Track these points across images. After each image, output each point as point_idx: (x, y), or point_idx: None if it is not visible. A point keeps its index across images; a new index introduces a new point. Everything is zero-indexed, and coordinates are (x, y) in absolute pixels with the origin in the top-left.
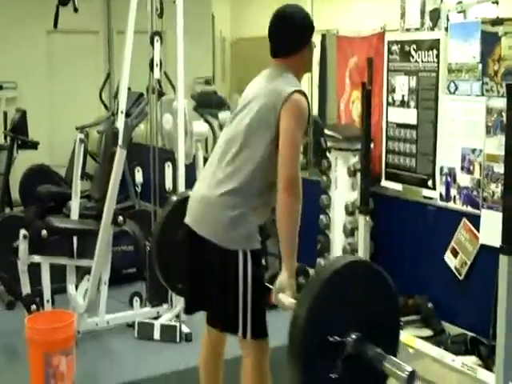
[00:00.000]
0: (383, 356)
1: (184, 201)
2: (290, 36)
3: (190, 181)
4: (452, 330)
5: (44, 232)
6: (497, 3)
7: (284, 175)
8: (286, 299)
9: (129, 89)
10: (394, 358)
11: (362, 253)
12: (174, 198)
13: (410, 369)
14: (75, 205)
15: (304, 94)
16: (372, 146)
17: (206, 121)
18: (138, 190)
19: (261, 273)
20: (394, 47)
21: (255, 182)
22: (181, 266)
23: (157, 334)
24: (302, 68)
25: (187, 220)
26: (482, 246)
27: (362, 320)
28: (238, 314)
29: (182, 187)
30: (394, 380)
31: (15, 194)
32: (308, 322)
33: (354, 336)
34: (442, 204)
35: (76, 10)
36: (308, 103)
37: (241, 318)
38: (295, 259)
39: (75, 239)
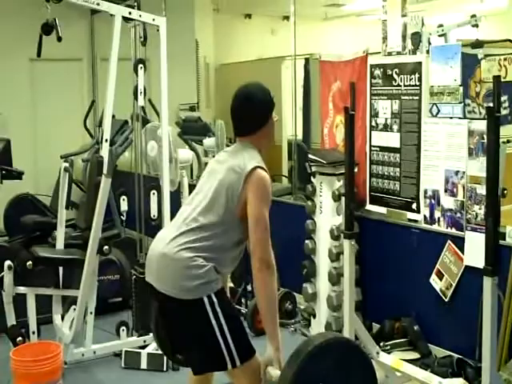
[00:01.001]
0: None
1: None
2: (252, 117)
3: (175, 208)
4: (438, 352)
5: (29, 262)
6: (477, 26)
7: (258, 257)
8: (274, 372)
9: (113, 116)
10: None
11: (348, 277)
12: None
13: None
14: (60, 234)
15: (265, 170)
16: (356, 170)
17: (191, 147)
18: (123, 218)
19: (227, 302)
20: (377, 71)
21: (219, 245)
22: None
23: (144, 363)
24: (265, 142)
25: (148, 278)
26: (467, 268)
27: None
28: (222, 350)
29: (167, 214)
30: None
31: None
32: None
33: None
34: (427, 227)
35: (60, 39)
36: (268, 178)
37: (225, 352)
38: (278, 332)
39: (61, 269)
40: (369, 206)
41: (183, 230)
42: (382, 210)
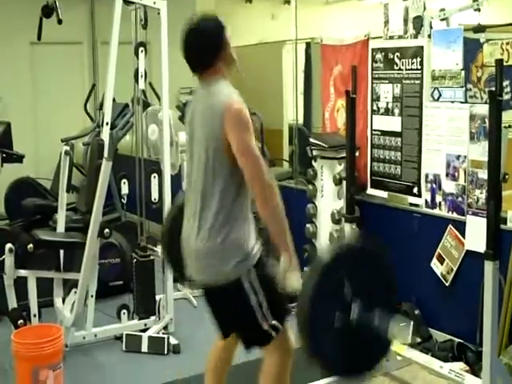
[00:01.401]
0: (386, 325)
1: None
2: (204, 46)
3: (176, 191)
4: (439, 336)
5: (30, 246)
6: (479, 10)
7: (257, 190)
8: (294, 281)
9: (114, 100)
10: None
11: None
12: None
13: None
14: (61, 218)
15: (235, 99)
16: (357, 154)
17: None
18: (124, 201)
19: (266, 271)
20: (378, 55)
21: (230, 207)
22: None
23: (145, 347)
24: (228, 68)
25: (189, 271)
26: (468, 252)
27: (363, 292)
28: (262, 325)
29: (168, 198)
30: None
31: (0, 207)
32: (314, 294)
33: (357, 304)
34: (428, 211)
35: (60, 22)
36: (241, 105)
37: (265, 326)
38: (290, 241)
39: (62, 252)
40: (370, 190)
41: (202, 216)
42: (383, 194)
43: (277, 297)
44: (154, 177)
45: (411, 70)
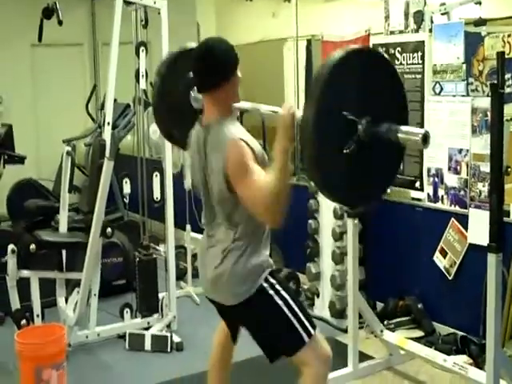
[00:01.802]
0: (395, 126)
1: (188, 50)
2: (214, 69)
3: (178, 190)
4: (442, 329)
5: (32, 246)
6: (479, 4)
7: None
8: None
9: (115, 100)
10: (404, 127)
11: (351, 256)
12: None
13: (422, 131)
14: (63, 218)
15: (236, 138)
16: None
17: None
18: (126, 200)
19: (282, 280)
20: (379, 50)
21: (240, 233)
22: (178, 112)
23: (148, 345)
24: (230, 101)
25: (209, 296)
26: (471, 246)
27: (371, 104)
28: (294, 325)
29: (170, 197)
30: None
31: (3, 208)
32: (320, 105)
33: (365, 119)
34: (430, 205)
35: (60, 23)
36: (241, 142)
37: (298, 325)
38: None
39: (64, 252)
40: None
41: (215, 240)
42: None
43: (299, 304)
44: (156, 176)
45: (412, 64)
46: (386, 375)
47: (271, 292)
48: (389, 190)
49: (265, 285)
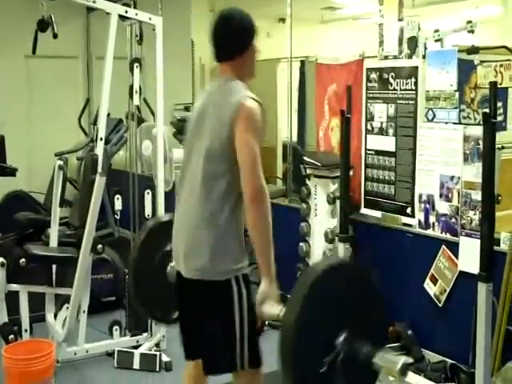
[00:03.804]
0: (374, 352)
1: (160, 225)
2: (232, 39)
3: (170, 208)
4: (432, 357)
5: (22, 260)
6: (472, 32)
7: (249, 188)
8: (272, 308)
9: (108, 115)
10: (384, 354)
11: None
12: (150, 223)
13: (401, 360)
14: (54, 232)
15: (256, 100)
16: (351, 173)
17: None
18: (117, 217)
19: (252, 298)
20: (373, 75)
21: (226, 205)
22: (158, 291)
23: (136, 363)
24: (247, 71)
25: (174, 265)
26: (461, 273)
27: (349, 318)
28: (235, 345)
29: (161, 214)
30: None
31: None
32: (297, 328)
33: (343, 336)
34: (421, 231)
35: (55, 36)
36: (262, 107)
37: (238, 349)
38: (273, 266)
39: (54, 267)
40: (363, 210)
41: (196, 210)
42: (377, 213)
43: (254, 333)
44: (148, 193)
45: (406, 90)
46: None
47: (235, 299)
48: (380, 215)
49: (234, 288)
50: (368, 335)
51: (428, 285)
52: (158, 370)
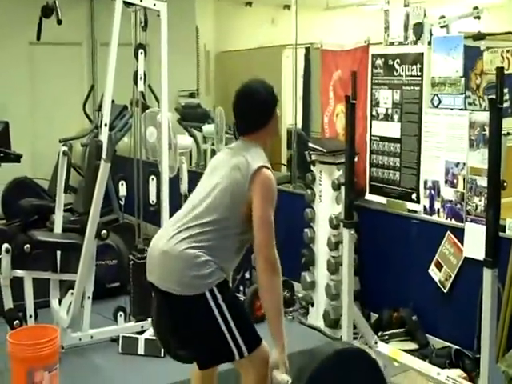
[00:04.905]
0: None
1: None
2: (255, 115)
3: (174, 194)
4: (436, 342)
5: (27, 246)
6: (478, 18)
7: (263, 258)
8: (280, 376)
9: (112, 101)
10: None
11: (347, 266)
12: None
13: None
14: (58, 218)
15: (270, 170)
16: (356, 159)
17: (190, 134)
18: (122, 203)
19: (230, 295)
20: (378, 61)
21: (218, 240)
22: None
23: (141, 349)
24: (269, 138)
25: (149, 278)
26: (466, 259)
27: None
28: (228, 342)
29: (165, 200)
30: None
31: None
32: None
33: None
34: (426, 217)
35: (60, 22)
36: (274, 178)
37: (232, 343)
38: (284, 333)
39: (59, 253)
40: (368, 196)
41: (185, 227)
42: (382, 199)
43: (245, 322)
44: (152, 179)
45: (411, 76)
46: None
47: (212, 304)
48: (385, 201)
49: (208, 294)
50: None
51: (433, 271)
52: (162, 355)
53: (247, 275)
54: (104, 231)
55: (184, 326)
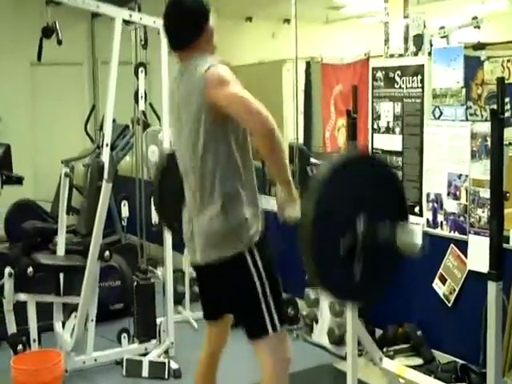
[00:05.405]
0: (392, 229)
1: None
2: (186, 24)
3: None
4: (442, 357)
5: (30, 269)
6: (478, 28)
7: (254, 128)
8: (295, 210)
9: (114, 121)
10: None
11: None
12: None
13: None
14: (61, 240)
15: (217, 64)
16: None
17: None
18: (124, 223)
19: (269, 258)
20: (379, 74)
21: (227, 183)
22: (177, 204)
23: (145, 371)
24: (207, 51)
25: (191, 259)
26: (470, 272)
27: (366, 201)
28: (263, 314)
29: None
30: None
31: (0, 230)
32: (317, 212)
33: (361, 219)
34: (430, 230)
35: (60, 42)
36: (224, 68)
37: (266, 315)
38: (289, 173)
39: (62, 276)
40: None
41: (201, 201)
42: None
43: (277, 291)
44: None
45: (412, 88)
46: None
47: (252, 269)
48: None
49: (248, 257)
50: (386, 214)
51: (437, 284)
52: (166, 377)
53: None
54: (107, 252)
55: (224, 294)
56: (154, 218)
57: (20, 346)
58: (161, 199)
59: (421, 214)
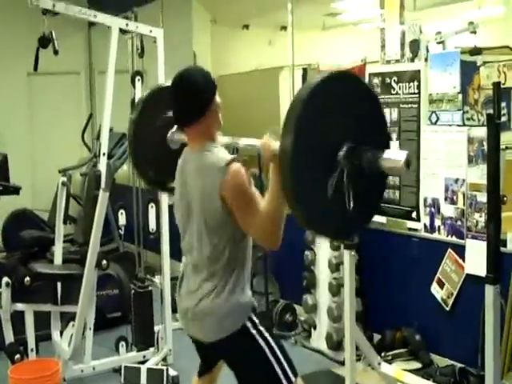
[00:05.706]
0: (377, 156)
1: (162, 89)
2: (192, 102)
3: (174, 221)
4: (440, 361)
5: (27, 279)
6: (474, 33)
7: (265, 247)
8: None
9: (111, 129)
10: (386, 153)
11: (348, 287)
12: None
13: (403, 156)
14: (58, 249)
15: (234, 159)
16: None
17: None
18: (122, 231)
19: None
20: (375, 80)
21: (226, 268)
22: (155, 152)
23: (143, 379)
24: (212, 129)
25: (189, 333)
26: (468, 276)
27: (349, 130)
28: (275, 370)
29: (165, 228)
30: None
31: None
32: (295, 150)
33: (345, 146)
34: (427, 235)
35: (56, 52)
36: (240, 167)
37: (279, 370)
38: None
39: (59, 285)
40: None
41: (199, 281)
42: (382, 219)
43: (281, 347)
44: (152, 207)
45: (408, 94)
46: None
47: (254, 332)
48: (385, 221)
49: (248, 324)
50: (369, 141)
51: (435, 289)
52: None
53: None
54: (104, 261)
55: (234, 365)
56: (151, 225)
57: (18, 356)
58: (136, 143)
59: (418, 219)
